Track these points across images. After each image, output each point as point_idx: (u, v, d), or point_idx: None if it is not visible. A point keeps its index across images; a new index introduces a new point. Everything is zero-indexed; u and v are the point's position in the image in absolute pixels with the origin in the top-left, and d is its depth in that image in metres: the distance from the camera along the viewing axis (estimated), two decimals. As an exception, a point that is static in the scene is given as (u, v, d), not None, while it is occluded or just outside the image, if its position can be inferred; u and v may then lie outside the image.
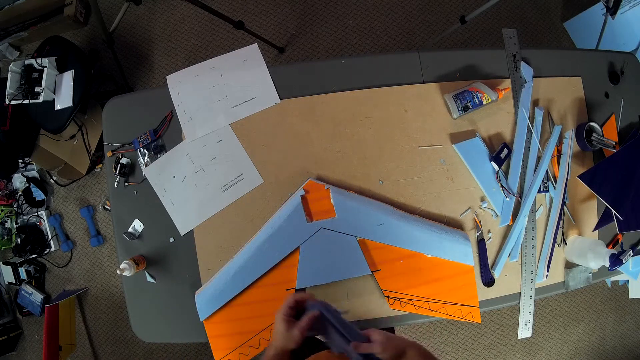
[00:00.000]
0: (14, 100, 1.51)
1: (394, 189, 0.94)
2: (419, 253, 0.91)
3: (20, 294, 1.89)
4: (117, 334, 1.91)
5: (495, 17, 1.92)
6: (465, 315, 0.92)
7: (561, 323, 1.97)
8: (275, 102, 0.95)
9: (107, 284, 1.91)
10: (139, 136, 0.96)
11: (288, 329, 0.66)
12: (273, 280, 0.90)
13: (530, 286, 0.96)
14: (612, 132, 1.05)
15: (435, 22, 1.91)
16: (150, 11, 1.93)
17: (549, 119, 1.00)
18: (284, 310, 0.68)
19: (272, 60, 1.87)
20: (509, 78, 0.99)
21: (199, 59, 1.01)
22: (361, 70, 0.97)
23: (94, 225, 1.88)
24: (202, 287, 0.93)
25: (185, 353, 1.89)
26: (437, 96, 0.96)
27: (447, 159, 0.96)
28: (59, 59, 1.54)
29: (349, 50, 1.89)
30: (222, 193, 0.94)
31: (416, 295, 0.91)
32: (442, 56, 0.99)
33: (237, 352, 0.89)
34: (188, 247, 0.95)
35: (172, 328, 0.97)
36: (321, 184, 0.91)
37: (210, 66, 0.97)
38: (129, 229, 0.96)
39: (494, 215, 0.96)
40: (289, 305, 0.68)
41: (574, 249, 0.98)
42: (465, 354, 1.93)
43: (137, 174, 0.98)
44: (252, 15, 1.90)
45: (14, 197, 1.85)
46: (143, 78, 1.92)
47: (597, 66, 1.07)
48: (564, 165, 0.98)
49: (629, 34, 1.62)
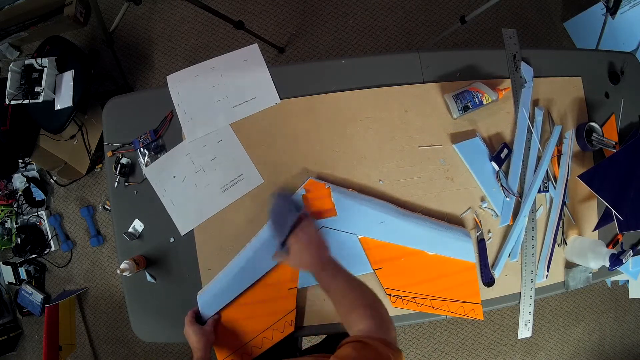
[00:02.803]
0: (14, 100, 1.51)
1: (394, 189, 0.94)
2: (421, 251, 0.91)
3: (20, 294, 1.89)
4: (117, 334, 1.91)
5: (495, 17, 1.92)
6: (467, 313, 0.92)
7: (561, 323, 1.97)
8: (275, 102, 0.95)
9: (107, 284, 1.91)
10: (139, 136, 0.96)
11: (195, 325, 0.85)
12: (274, 279, 0.90)
13: (530, 286, 0.96)
14: (612, 132, 1.05)
15: (435, 22, 1.91)
16: (150, 11, 1.93)
17: (549, 119, 1.00)
18: (189, 318, 0.87)
19: (272, 60, 1.88)
20: (509, 78, 0.99)
21: (199, 59, 1.01)
22: (361, 70, 0.97)
23: (94, 225, 1.88)
24: (203, 287, 0.93)
25: (185, 353, 1.89)
26: (437, 96, 0.96)
27: (447, 159, 0.96)
28: (59, 59, 1.54)
29: (349, 50, 1.89)
30: (222, 193, 0.94)
31: (418, 293, 0.91)
32: (442, 56, 0.99)
33: (239, 352, 0.89)
34: (188, 247, 0.95)
35: (172, 328, 0.97)
36: (322, 183, 0.91)
37: (210, 66, 0.97)
38: (129, 229, 0.96)
39: (494, 215, 0.96)
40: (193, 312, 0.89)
41: (574, 249, 0.98)
42: (465, 354, 1.93)
43: (137, 174, 0.98)
44: (252, 15, 1.90)
45: (14, 197, 1.85)
46: (143, 78, 1.92)
47: (597, 66, 1.07)
48: (564, 165, 0.98)
49: (629, 34, 1.62)
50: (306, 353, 1.00)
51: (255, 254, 0.89)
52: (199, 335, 0.83)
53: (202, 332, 0.84)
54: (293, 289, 0.90)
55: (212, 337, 0.86)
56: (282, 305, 0.90)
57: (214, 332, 0.87)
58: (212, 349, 0.86)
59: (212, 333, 0.86)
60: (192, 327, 0.84)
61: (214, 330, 0.87)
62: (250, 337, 0.90)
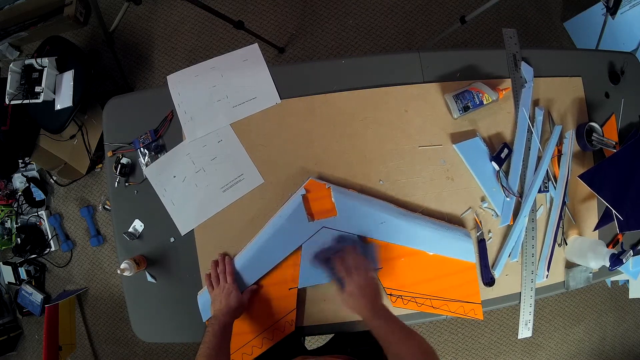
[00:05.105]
0: (14, 100, 1.51)
1: (394, 189, 0.94)
2: (421, 251, 0.91)
3: (20, 294, 1.89)
4: (117, 334, 1.91)
5: (495, 17, 1.92)
6: (467, 312, 0.92)
7: (561, 323, 1.97)
8: (276, 102, 0.95)
9: (107, 284, 1.91)
10: (140, 136, 0.96)
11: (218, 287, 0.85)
12: (275, 279, 0.90)
13: (530, 286, 0.96)
14: (612, 132, 1.05)
15: (435, 22, 1.91)
16: (150, 11, 1.93)
17: (549, 118, 1.01)
18: (212, 274, 0.88)
19: (272, 60, 1.88)
20: (509, 78, 0.99)
21: (199, 59, 1.01)
22: (361, 70, 0.97)
23: (94, 225, 1.88)
24: (203, 287, 0.93)
25: (185, 353, 1.89)
26: (438, 96, 0.96)
27: (447, 159, 0.96)
28: (59, 59, 1.54)
29: (349, 50, 1.89)
30: (222, 193, 0.94)
31: (418, 293, 0.91)
32: (442, 56, 0.99)
33: (240, 352, 0.89)
34: (188, 247, 0.94)
35: (172, 328, 0.97)
36: (322, 183, 0.91)
37: (211, 66, 0.97)
38: (129, 229, 0.96)
39: (495, 215, 0.96)
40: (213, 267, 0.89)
41: (574, 249, 0.98)
42: (465, 354, 1.93)
43: (137, 174, 0.98)
44: (252, 15, 1.90)
45: (14, 197, 1.85)
46: (143, 78, 1.92)
47: (597, 66, 1.07)
48: (564, 165, 0.98)
49: (629, 34, 1.62)
50: (315, 353, 0.99)
51: (255, 254, 0.89)
52: (236, 299, 0.82)
53: (239, 298, 0.84)
54: (293, 289, 0.90)
55: (244, 307, 0.85)
56: (283, 304, 0.90)
57: (246, 304, 0.86)
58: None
59: (245, 303, 0.85)
60: (234, 285, 0.84)
61: (248, 301, 0.87)
62: (250, 337, 0.90)
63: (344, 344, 0.96)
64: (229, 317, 0.80)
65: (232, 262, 0.90)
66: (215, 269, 0.89)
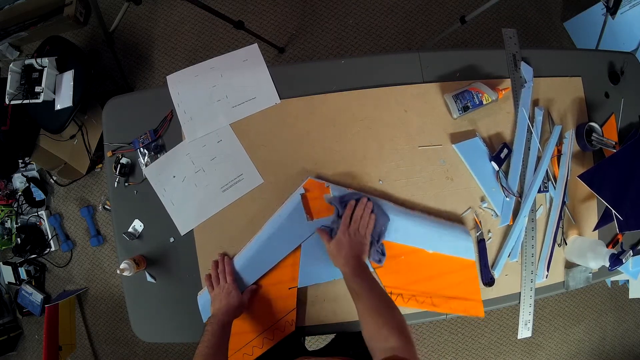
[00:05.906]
0: (14, 100, 1.51)
1: (394, 189, 0.94)
2: (420, 249, 0.91)
3: (20, 294, 1.89)
4: (117, 334, 1.92)
5: (495, 17, 1.92)
6: (468, 310, 0.92)
7: (561, 323, 1.97)
8: (275, 102, 0.95)
9: (107, 284, 1.91)
10: (139, 136, 0.96)
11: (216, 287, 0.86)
12: (275, 279, 0.90)
13: (530, 286, 0.96)
14: (612, 132, 1.05)
15: (435, 22, 1.91)
16: (150, 11, 1.93)
17: (549, 119, 1.00)
18: (212, 274, 0.88)
19: (272, 60, 1.88)
20: (509, 78, 0.99)
21: (199, 59, 1.01)
22: (361, 70, 0.97)
23: (94, 225, 1.88)
24: (203, 288, 0.93)
25: (185, 353, 1.89)
26: (437, 96, 0.96)
27: (447, 159, 0.96)
28: (59, 59, 1.54)
29: (349, 50, 1.89)
30: (222, 193, 0.94)
31: (419, 291, 0.91)
32: (442, 56, 0.99)
33: (241, 352, 0.89)
34: (188, 247, 0.95)
35: (172, 328, 0.97)
36: (321, 182, 0.91)
37: (210, 66, 0.98)
38: (129, 229, 0.96)
39: (494, 215, 0.96)
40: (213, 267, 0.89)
41: (574, 249, 0.98)
42: (465, 354, 1.93)
43: (137, 174, 0.98)
44: (252, 15, 1.90)
45: (14, 197, 1.85)
46: (143, 78, 1.92)
47: (597, 66, 1.07)
48: (564, 165, 0.98)
49: (629, 34, 1.62)
50: (317, 355, 0.98)
51: (255, 254, 0.90)
52: (236, 298, 0.83)
53: (239, 297, 0.84)
54: (293, 289, 0.90)
55: (244, 306, 0.86)
56: (283, 304, 0.90)
57: (246, 303, 0.86)
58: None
59: (245, 302, 0.86)
60: (233, 285, 0.84)
61: (248, 301, 0.87)
62: (251, 336, 0.90)
63: (346, 345, 0.96)
64: (228, 317, 0.80)
65: (231, 262, 0.90)
66: (215, 269, 0.89)
